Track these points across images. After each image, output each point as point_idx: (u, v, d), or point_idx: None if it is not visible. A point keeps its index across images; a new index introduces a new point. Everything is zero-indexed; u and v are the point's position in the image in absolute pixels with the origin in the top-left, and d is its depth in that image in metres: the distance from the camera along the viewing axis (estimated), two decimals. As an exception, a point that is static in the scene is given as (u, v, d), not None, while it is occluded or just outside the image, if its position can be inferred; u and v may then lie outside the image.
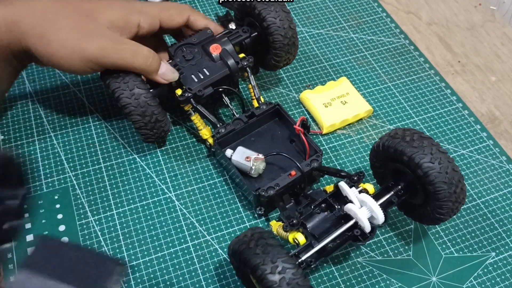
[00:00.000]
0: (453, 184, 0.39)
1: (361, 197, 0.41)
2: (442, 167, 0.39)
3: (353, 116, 0.54)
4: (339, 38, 0.63)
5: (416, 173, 0.40)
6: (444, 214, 0.41)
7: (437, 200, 0.40)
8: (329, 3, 0.66)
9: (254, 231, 0.38)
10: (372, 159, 0.45)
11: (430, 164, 0.39)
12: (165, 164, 0.50)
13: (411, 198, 0.43)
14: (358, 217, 0.40)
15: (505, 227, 0.47)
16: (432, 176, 0.39)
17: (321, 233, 0.41)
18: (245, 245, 0.37)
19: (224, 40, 0.50)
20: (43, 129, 0.52)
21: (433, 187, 0.39)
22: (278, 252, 0.36)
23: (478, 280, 0.44)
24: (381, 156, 0.43)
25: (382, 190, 0.43)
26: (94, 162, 0.50)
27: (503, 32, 0.66)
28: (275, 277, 0.35)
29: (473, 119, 0.56)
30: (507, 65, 0.62)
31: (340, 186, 0.42)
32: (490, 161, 0.52)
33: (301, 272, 0.36)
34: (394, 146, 0.41)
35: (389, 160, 0.43)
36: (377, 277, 0.44)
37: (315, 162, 0.45)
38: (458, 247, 0.46)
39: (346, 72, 0.59)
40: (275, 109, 0.49)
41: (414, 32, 0.65)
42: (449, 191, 0.39)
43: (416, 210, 0.44)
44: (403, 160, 0.40)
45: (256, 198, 0.45)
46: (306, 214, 0.42)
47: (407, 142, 0.40)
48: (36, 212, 0.46)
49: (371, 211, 0.40)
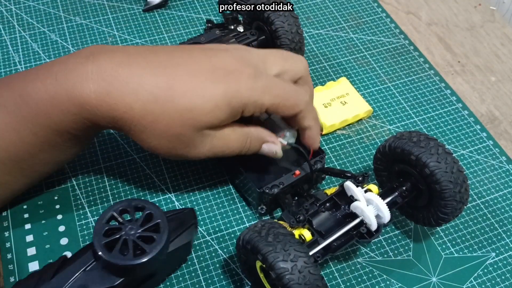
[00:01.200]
0: (458, 183, 0.40)
1: (368, 196, 0.41)
2: (448, 166, 0.40)
3: (353, 116, 0.54)
4: (339, 38, 0.63)
5: (423, 173, 0.40)
6: (448, 214, 0.41)
7: (442, 199, 0.40)
8: (329, 3, 0.67)
9: (264, 222, 0.39)
10: (377, 161, 0.45)
11: (437, 163, 0.40)
12: (165, 164, 0.50)
13: (415, 200, 0.43)
14: (365, 215, 0.40)
15: (505, 227, 0.47)
16: (438, 175, 0.39)
17: (327, 231, 0.41)
18: (257, 234, 0.37)
19: (232, 42, 0.50)
20: (42, 130, 0.52)
21: (439, 186, 0.40)
22: (289, 240, 0.36)
23: (478, 281, 0.44)
24: (386, 157, 0.43)
25: (387, 191, 0.43)
26: (94, 162, 0.49)
27: (503, 32, 0.66)
28: (287, 264, 0.35)
29: (473, 119, 0.56)
30: (507, 65, 0.62)
31: (346, 186, 0.42)
32: (490, 162, 0.52)
33: (313, 261, 0.36)
34: (402, 147, 0.41)
35: (395, 162, 0.43)
36: (377, 278, 0.44)
37: (318, 163, 0.46)
38: (458, 247, 0.46)
39: (346, 72, 0.59)
40: None
41: (414, 32, 0.65)
42: (454, 190, 0.40)
43: (418, 213, 0.44)
44: (410, 160, 0.41)
45: (260, 196, 0.45)
46: (311, 212, 0.42)
47: (414, 143, 0.41)
48: (36, 213, 0.46)
49: (378, 209, 0.40)
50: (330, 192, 0.44)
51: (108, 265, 0.37)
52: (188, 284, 0.43)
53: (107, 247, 0.37)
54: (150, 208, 0.39)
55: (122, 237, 0.37)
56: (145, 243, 0.38)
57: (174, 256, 0.41)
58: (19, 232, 0.45)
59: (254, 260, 0.38)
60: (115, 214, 0.39)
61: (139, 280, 0.39)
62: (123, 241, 0.37)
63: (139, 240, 0.38)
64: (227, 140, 0.41)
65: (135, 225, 0.38)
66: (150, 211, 0.39)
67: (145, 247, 0.37)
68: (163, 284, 0.42)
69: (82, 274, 0.37)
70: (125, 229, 0.38)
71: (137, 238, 0.38)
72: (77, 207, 0.46)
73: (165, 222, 0.39)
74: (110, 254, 0.37)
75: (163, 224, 0.38)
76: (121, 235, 0.38)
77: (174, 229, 0.40)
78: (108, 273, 0.37)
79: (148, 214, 0.39)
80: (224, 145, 0.41)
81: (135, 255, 0.37)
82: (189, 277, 0.43)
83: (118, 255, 0.37)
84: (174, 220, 0.41)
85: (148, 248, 0.37)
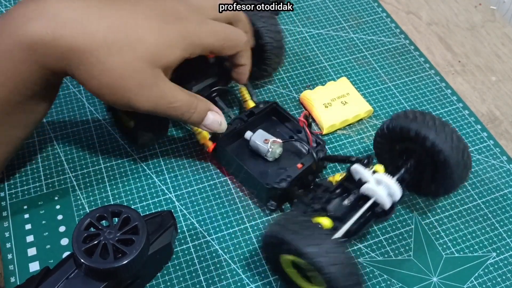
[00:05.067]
0: (460, 150, 0.41)
1: (376, 177, 0.42)
2: (447, 136, 0.41)
3: (354, 116, 0.54)
4: (339, 38, 0.63)
5: (424, 146, 0.41)
6: (455, 180, 0.42)
7: (447, 167, 0.41)
8: (329, 3, 0.66)
9: (286, 215, 0.39)
10: (377, 146, 0.46)
11: (437, 135, 0.41)
12: (165, 165, 0.50)
13: (421, 174, 0.44)
14: (377, 195, 0.41)
15: (506, 227, 0.47)
16: (440, 145, 0.41)
17: (343, 216, 0.42)
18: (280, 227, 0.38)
19: None
20: (43, 130, 0.52)
21: (443, 155, 0.41)
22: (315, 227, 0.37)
23: (479, 280, 0.44)
24: (386, 139, 0.44)
25: (393, 170, 0.43)
26: (94, 163, 0.49)
27: (503, 32, 0.66)
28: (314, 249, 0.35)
29: (473, 119, 0.56)
30: (507, 65, 0.62)
31: (353, 169, 0.43)
32: (491, 161, 0.52)
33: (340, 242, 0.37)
34: (400, 125, 0.42)
35: (395, 142, 0.44)
36: (378, 277, 0.44)
37: (320, 153, 0.46)
38: (458, 247, 0.46)
39: (346, 72, 0.59)
40: (272, 107, 0.50)
41: (414, 32, 0.65)
42: (457, 157, 0.41)
43: (426, 186, 0.45)
44: (410, 137, 0.42)
45: (269, 192, 0.45)
46: (324, 199, 0.43)
47: (411, 120, 0.42)
48: (36, 213, 0.46)
49: (388, 188, 0.41)
50: (334, 179, 0.44)
51: (90, 271, 0.37)
52: (188, 284, 0.42)
53: (87, 253, 0.37)
54: (126, 211, 0.39)
55: (101, 242, 0.37)
56: (125, 246, 0.37)
57: (155, 258, 0.41)
58: (20, 233, 0.45)
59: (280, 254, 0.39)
60: (93, 221, 0.38)
61: (123, 284, 0.39)
62: (103, 246, 0.37)
63: (119, 243, 0.37)
64: (175, 94, 0.41)
65: (113, 230, 0.38)
66: (127, 214, 0.39)
67: (125, 249, 0.37)
68: (164, 284, 0.42)
69: (65, 283, 0.37)
70: (104, 234, 0.38)
71: (117, 242, 0.37)
72: (78, 208, 0.46)
73: (143, 223, 0.38)
74: (90, 259, 0.36)
75: (141, 225, 0.38)
76: (100, 240, 0.37)
77: (152, 231, 0.40)
78: (91, 279, 0.37)
79: (126, 218, 0.39)
80: (172, 98, 0.41)
81: (116, 258, 0.37)
82: (190, 277, 0.43)
83: (99, 259, 0.36)
84: (152, 223, 0.41)
85: (128, 250, 0.37)
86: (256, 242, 0.45)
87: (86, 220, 0.38)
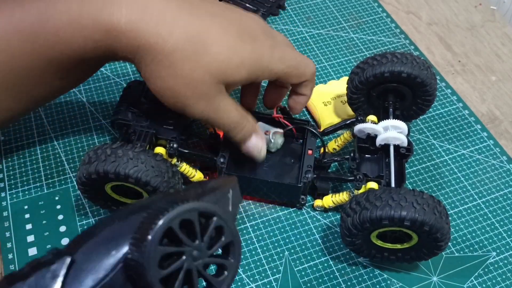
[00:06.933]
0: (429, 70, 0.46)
1: (380, 124, 0.45)
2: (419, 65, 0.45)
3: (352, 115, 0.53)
4: (339, 38, 0.63)
5: (401, 78, 0.45)
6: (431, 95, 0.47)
7: (424, 86, 0.46)
8: (329, 3, 0.67)
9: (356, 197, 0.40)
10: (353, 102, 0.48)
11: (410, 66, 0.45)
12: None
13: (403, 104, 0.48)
14: (393, 137, 0.44)
15: (506, 227, 0.47)
16: (415, 72, 0.45)
17: (381, 172, 0.44)
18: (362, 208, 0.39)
19: None
20: (43, 130, 0.52)
21: (419, 78, 0.45)
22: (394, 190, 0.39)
23: (479, 280, 0.44)
24: (362, 90, 0.47)
25: (384, 113, 0.47)
26: (95, 162, 0.49)
27: (503, 32, 0.66)
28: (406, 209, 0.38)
29: (473, 119, 0.56)
30: (507, 65, 0.62)
31: (357, 129, 0.46)
32: (491, 161, 0.52)
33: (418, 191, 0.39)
34: (373, 72, 0.45)
35: (370, 90, 0.47)
36: (378, 277, 0.44)
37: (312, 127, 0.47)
38: (458, 246, 0.46)
39: (346, 72, 0.59)
40: None
41: (414, 32, 0.65)
42: (429, 75, 0.46)
43: (408, 110, 0.49)
44: (385, 78, 0.45)
45: (299, 190, 0.45)
46: (353, 168, 0.44)
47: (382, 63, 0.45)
48: (37, 213, 0.46)
49: (396, 128, 0.44)
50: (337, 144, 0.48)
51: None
52: (189, 284, 0.43)
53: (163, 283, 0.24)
54: (219, 216, 0.26)
55: (183, 267, 0.25)
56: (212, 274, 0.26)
57: None
58: (20, 233, 0.45)
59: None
60: (175, 229, 0.24)
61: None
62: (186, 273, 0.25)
63: (205, 269, 0.25)
64: (229, 111, 0.41)
65: (201, 246, 0.25)
66: (220, 223, 0.26)
67: (213, 281, 0.26)
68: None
69: None
70: (189, 253, 0.25)
71: (203, 267, 0.25)
72: (78, 208, 0.46)
73: (238, 238, 0.27)
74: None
75: (237, 242, 0.26)
76: (182, 263, 0.24)
77: None
78: None
79: (218, 228, 0.26)
80: (224, 114, 0.40)
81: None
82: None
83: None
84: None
85: (216, 284, 0.26)
86: (256, 242, 0.45)
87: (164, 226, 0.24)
